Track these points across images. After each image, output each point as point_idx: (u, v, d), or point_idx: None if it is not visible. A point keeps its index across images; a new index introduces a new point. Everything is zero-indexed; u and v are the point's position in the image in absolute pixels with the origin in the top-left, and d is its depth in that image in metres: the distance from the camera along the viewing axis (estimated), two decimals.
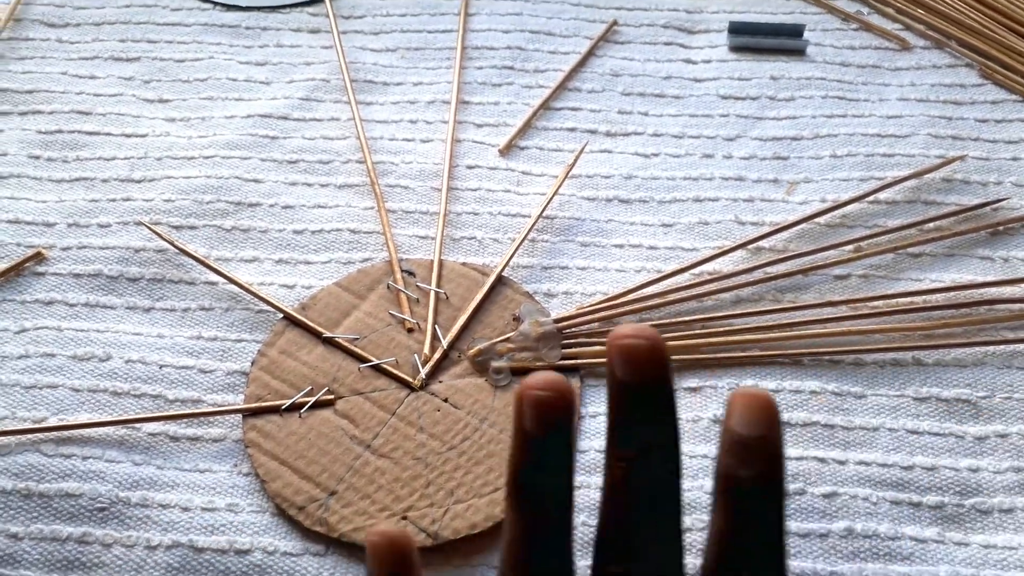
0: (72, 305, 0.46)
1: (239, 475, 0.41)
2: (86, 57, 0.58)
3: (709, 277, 0.46)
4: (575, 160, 0.51)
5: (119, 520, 0.39)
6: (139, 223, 0.49)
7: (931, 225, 0.49)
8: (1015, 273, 0.47)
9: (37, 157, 0.53)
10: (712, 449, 0.41)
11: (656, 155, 0.53)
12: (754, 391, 0.25)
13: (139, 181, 0.52)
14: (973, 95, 0.55)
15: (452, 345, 0.45)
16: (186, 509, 0.40)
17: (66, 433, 0.42)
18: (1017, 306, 0.45)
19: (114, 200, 0.51)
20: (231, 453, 0.42)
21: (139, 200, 0.50)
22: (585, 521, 0.39)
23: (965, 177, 0.51)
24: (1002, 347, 0.44)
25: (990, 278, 0.46)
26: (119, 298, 0.47)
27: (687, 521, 0.39)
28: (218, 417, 0.43)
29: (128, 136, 0.54)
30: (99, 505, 0.40)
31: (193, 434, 0.42)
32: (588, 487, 0.40)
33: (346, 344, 0.45)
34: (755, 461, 0.24)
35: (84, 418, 0.42)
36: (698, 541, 0.39)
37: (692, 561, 0.38)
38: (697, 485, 0.40)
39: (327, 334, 0.45)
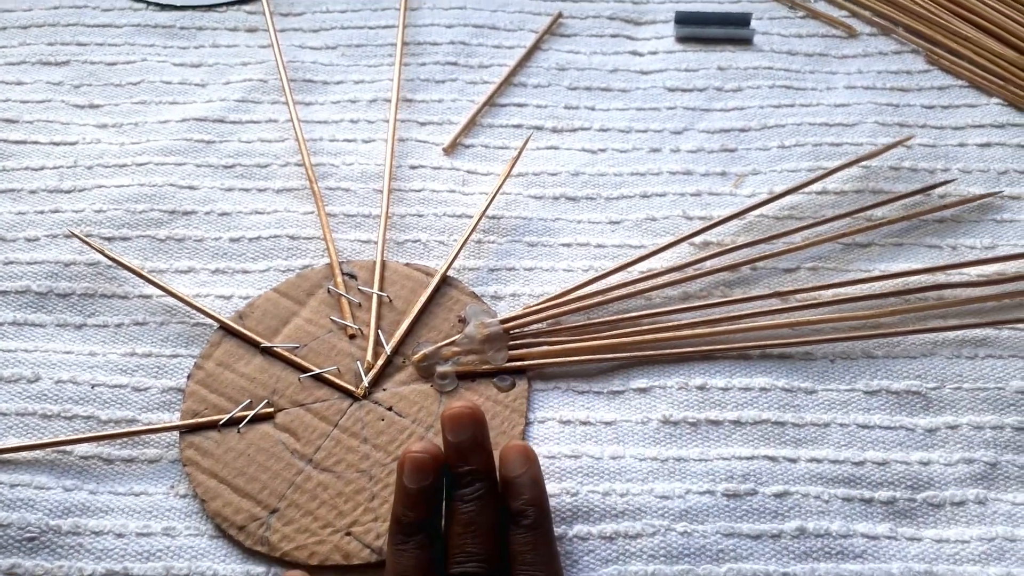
0: None
1: (176, 497, 0.40)
2: (12, 62, 0.56)
3: (655, 272, 0.46)
4: (518, 156, 0.50)
5: (50, 550, 0.38)
6: (70, 235, 0.47)
7: (879, 213, 0.48)
8: (963, 260, 0.46)
9: None
10: (661, 451, 0.41)
11: (603, 150, 0.52)
12: (517, 443, 0.38)
13: (69, 191, 0.50)
14: (920, 81, 0.54)
15: (396, 350, 0.44)
16: (120, 535, 0.38)
17: None
18: (964, 291, 0.45)
19: (42, 212, 0.49)
20: (168, 473, 0.40)
21: (69, 211, 0.49)
22: None
23: (913, 165, 0.50)
24: (951, 335, 0.44)
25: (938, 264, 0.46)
26: (48, 315, 0.45)
27: (637, 527, 0.38)
28: (153, 436, 0.41)
29: (57, 144, 0.52)
30: (29, 535, 0.38)
31: (128, 455, 0.41)
32: None
33: (285, 354, 0.43)
34: (522, 494, 0.36)
35: (12, 442, 0.41)
36: (647, 547, 0.38)
37: (644, 568, 0.37)
38: (647, 489, 0.39)
39: (265, 344, 0.44)
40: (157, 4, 0.59)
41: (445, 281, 0.46)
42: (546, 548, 0.36)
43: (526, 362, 0.43)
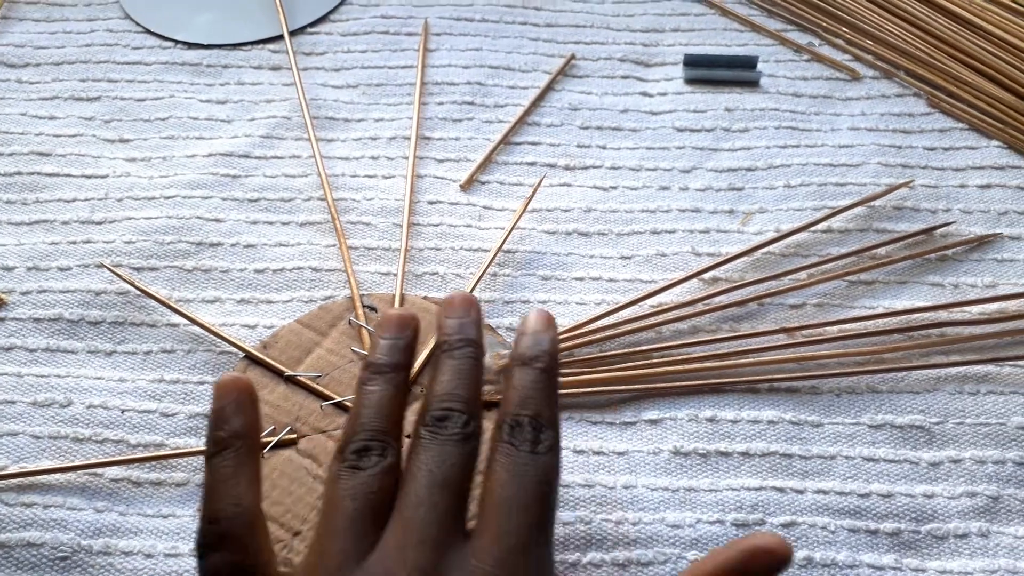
0: (32, 350, 0.46)
1: None
2: (46, 97, 0.58)
3: (665, 307, 0.47)
4: (533, 193, 0.51)
5: (81, 569, 0.39)
6: (100, 265, 0.49)
7: (883, 252, 0.50)
8: (964, 298, 0.48)
9: None
10: (673, 481, 0.42)
11: (614, 188, 0.54)
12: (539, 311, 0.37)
13: (99, 223, 0.52)
14: (921, 124, 0.56)
15: (414, 380, 0.45)
16: (149, 555, 0.40)
17: (27, 481, 0.42)
18: (966, 329, 0.46)
19: (74, 242, 0.50)
20: (195, 496, 0.42)
21: (99, 242, 0.50)
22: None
23: (915, 205, 0.52)
24: (954, 371, 0.45)
25: (940, 303, 0.47)
26: (80, 342, 0.47)
27: (649, 555, 0.40)
28: (181, 460, 0.43)
29: (88, 177, 0.54)
30: (61, 554, 0.39)
31: (156, 479, 0.42)
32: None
33: (308, 382, 0.45)
34: (541, 345, 0.35)
35: (45, 465, 0.42)
36: (660, 574, 0.39)
37: None
38: (658, 518, 0.41)
39: (288, 372, 0.45)
40: (185, 43, 0.62)
41: None
42: (551, 393, 0.34)
43: None
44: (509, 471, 0.31)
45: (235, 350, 0.46)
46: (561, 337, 0.46)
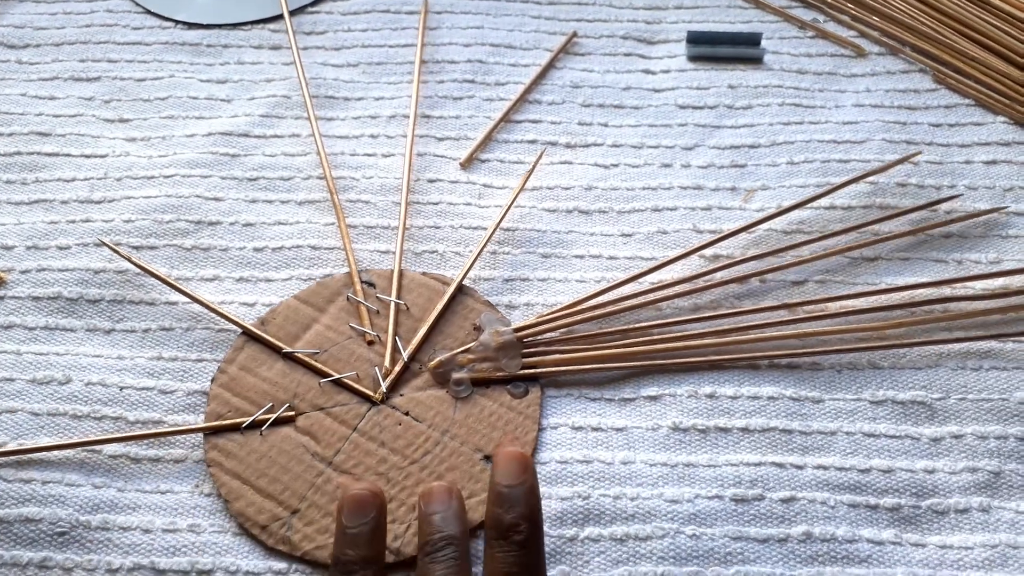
0: (31, 328, 0.46)
1: (201, 495, 0.41)
2: (46, 78, 0.58)
3: (665, 284, 0.47)
4: (532, 169, 0.51)
5: (80, 544, 0.39)
6: (100, 243, 0.49)
7: (886, 228, 0.49)
8: (968, 274, 0.47)
9: None
10: (671, 456, 0.42)
11: (615, 166, 0.53)
12: (512, 449, 0.36)
13: (99, 202, 0.51)
14: (927, 100, 0.56)
15: (413, 357, 0.45)
16: (147, 531, 0.40)
17: (26, 457, 0.42)
18: (969, 305, 0.46)
19: (73, 221, 0.50)
20: (192, 473, 0.42)
21: (99, 221, 0.50)
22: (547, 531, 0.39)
23: (919, 181, 0.51)
24: (956, 347, 0.45)
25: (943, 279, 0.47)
26: (79, 320, 0.47)
27: (647, 529, 0.39)
28: (179, 437, 0.43)
29: (88, 157, 0.54)
30: (59, 529, 0.40)
31: (154, 455, 0.42)
32: (549, 497, 0.40)
33: (306, 359, 0.45)
34: (516, 507, 0.34)
35: (44, 442, 0.42)
36: (657, 549, 0.39)
37: (653, 569, 0.38)
38: (656, 493, 0.40)
39: (287, 349, 0.45)
40: (184, 22, 0.61)
41: (461, 290, 0.47)
42: (535, 568, 0.34)
43: (539, 369, 0.44)
44: None
45: (233, 327, 0.46)
46: (560, 314, 0.46)
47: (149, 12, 0.62)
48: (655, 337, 0.45)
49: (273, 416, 0.43)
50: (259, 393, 0.44)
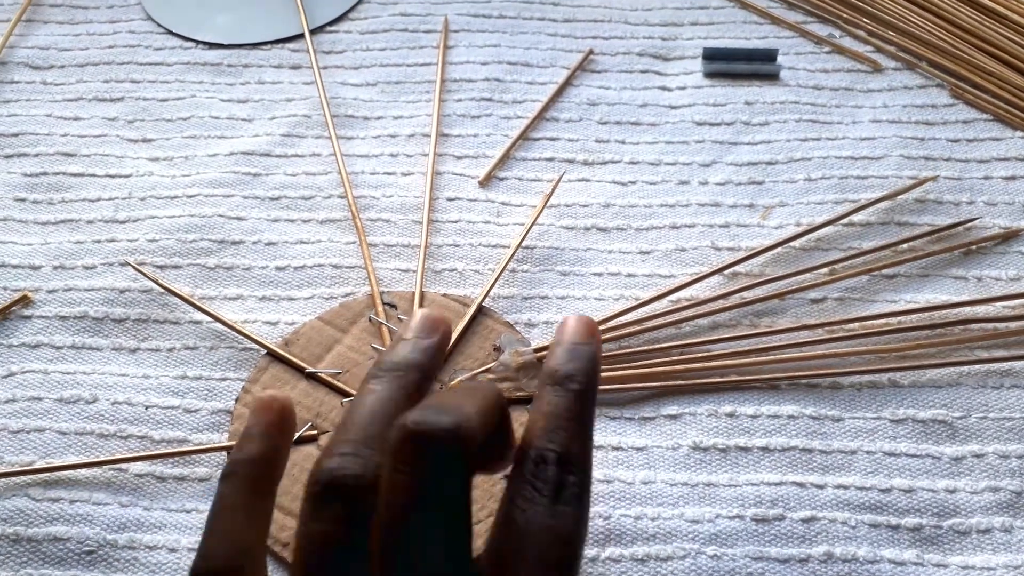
0: (58, 348, 0.47)
1: None
2: (70, 99, 0.59)
3: (686, 303, 0.47)
4: (552, 190, 0.52)
5: (107, 563, 0.40)
6: (124, 263, 0.50)
7: (905, 246, 0.49)
8: (988, 293, 0.47)
9: (23, 200, 0.53)
10: (691, 476, 0.42)
11: (633, 183, 0.53)
12: (582, 315, 0.33)
13: (123, 222, 0.52)
14: (944, 115, 0.56)
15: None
16: (173, 550, 0.40)
17: (54, 476, 0.42)
18: (990, 325, 0.46)
19: (99, 241, 0.51)
20: None
21: (124, 240, 0.51)
22: None
23: (938, 197, 0.51)
24: (976, 367, 0.45)
25: (964, 298, 0.47)
26: (105, 339, 0.47)
27: (668, 550, 0.40)
28: (204, 456, 0.43)
29: (112, 177, 0.55)
30: (87, 548, 0.40)
31: (179, 474, 0.43)
32: None
33: (329, 379, 0.45)
34: (578, 360, 0.31)
35: (71, 461, 0.43)
36: (678, 569, 0.39)
37: None
38: (677, 513, 0.41)
39: (309, 369, 0.46)
40: (206, 43, 0.62)
41: (480, 311, 0.48)
42: (585, 423, 0.30)
43: None
44: (526, 522, 0.27)
45: (257, 347, 0.47)
46: None
47: (170, 32, 0.63)
48: (675, 358, 0.45)
49: (296, 435, 0.43)
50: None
